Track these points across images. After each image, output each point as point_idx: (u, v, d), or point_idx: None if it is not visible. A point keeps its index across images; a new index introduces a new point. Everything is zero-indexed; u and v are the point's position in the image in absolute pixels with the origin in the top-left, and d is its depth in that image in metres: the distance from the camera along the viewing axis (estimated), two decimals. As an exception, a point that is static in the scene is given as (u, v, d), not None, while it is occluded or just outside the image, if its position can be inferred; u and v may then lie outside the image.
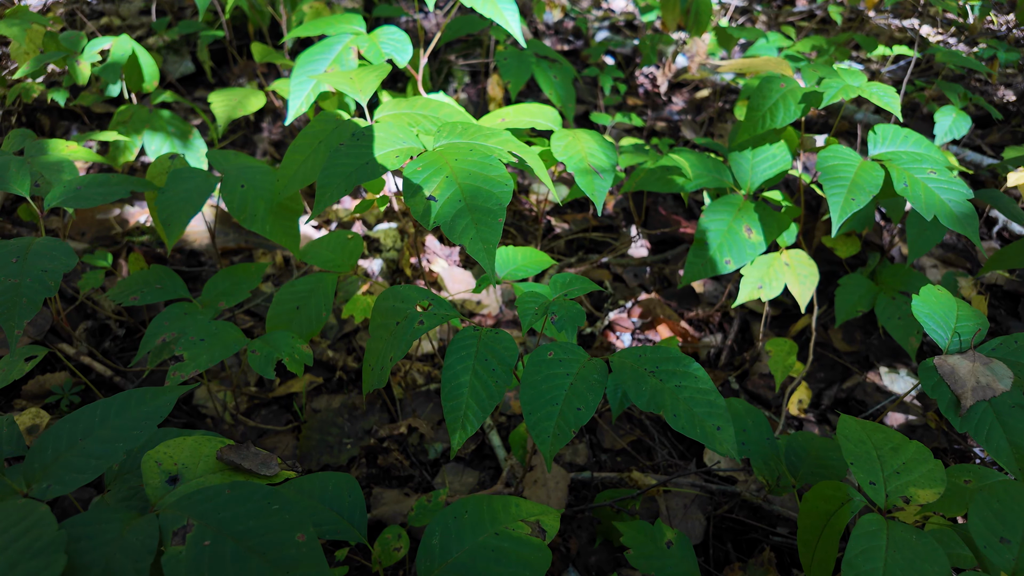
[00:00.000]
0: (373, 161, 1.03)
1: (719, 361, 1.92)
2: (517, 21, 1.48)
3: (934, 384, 0.94)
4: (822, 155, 1.38)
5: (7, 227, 2.20)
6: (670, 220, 2.35)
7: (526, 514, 0.79)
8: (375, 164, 1.03)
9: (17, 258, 0.98)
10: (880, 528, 0.80)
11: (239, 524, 0.66)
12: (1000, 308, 2.11)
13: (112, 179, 1.26)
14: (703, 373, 0.86)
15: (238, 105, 1.85)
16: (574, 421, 0.81)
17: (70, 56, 2.04)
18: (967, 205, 1.29)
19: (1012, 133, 2.90)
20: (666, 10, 2.70)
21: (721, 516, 1.46)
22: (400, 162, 1.06)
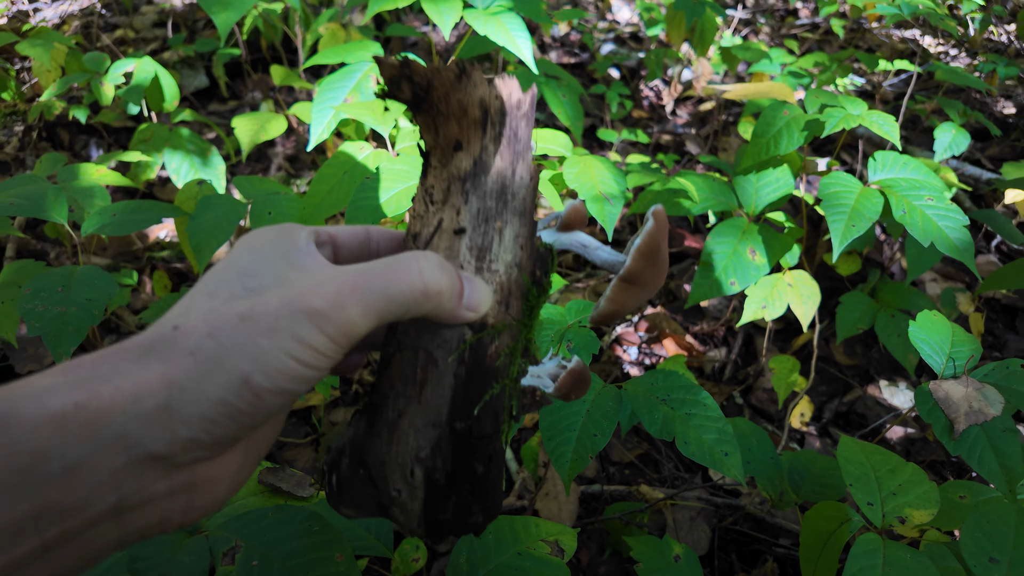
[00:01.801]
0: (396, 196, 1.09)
1: (724, 375, 1.97)
2: (530, 49, 1.54)
3: (929, 408, 1.00)
4: (824, 182, 1.44)
5: (32, 243, 2.26)
6: (675, 235, 2.41)
7: (545, 534, 0.85)
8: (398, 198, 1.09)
9: (62, 287, 1.04)
10: (877, 547, 0.85)
11: (283, 545, 0.72)
12: (998, 322, 2.16)
13: (144, 205, 1.32)
14: (711, 401, 0.91)
15: (260, 130, 1.91)
16: (591, 447, 0.87)
17: (94, 77, 2.11)
18: (963, 232, 1.34)
19: (1012, 147, 2.95)
20: (672, 28, 2.76)
21: (726, 528, 1.52)
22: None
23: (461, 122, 0.52)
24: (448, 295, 0.49)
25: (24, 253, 2.22)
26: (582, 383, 0.58)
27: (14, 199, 1.20)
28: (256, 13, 2.53)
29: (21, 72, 3.10)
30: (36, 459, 0.36)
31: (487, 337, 0.54)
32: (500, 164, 0.53)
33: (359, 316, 0.45)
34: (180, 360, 0.41)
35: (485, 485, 0.56)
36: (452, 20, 1.59)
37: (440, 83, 0.50)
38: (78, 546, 0.39)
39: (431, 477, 0.54)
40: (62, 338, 0.99)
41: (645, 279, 0.57)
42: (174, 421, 0.40)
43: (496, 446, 0.57)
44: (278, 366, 0.43)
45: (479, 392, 0.54)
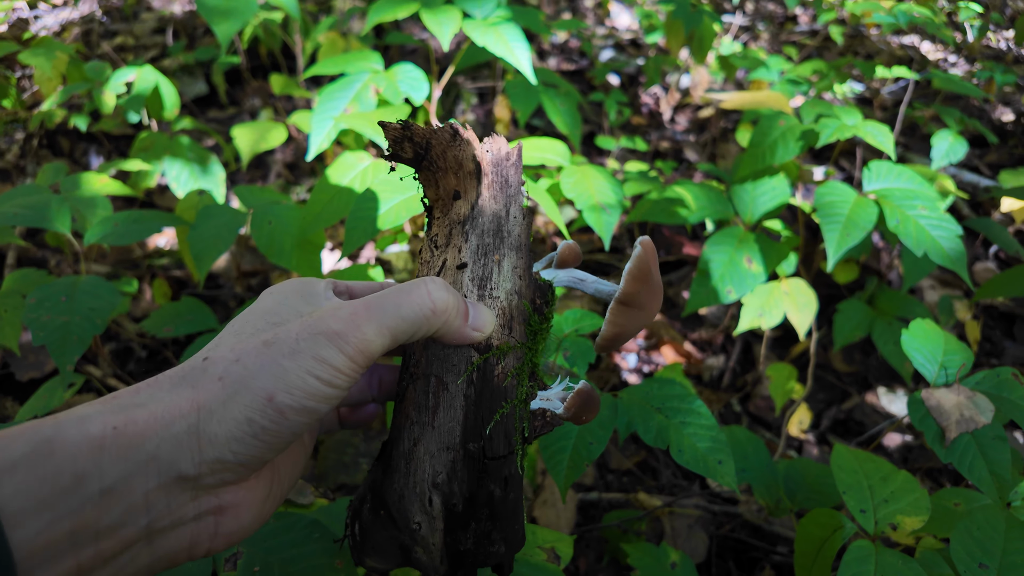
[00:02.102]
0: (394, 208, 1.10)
1: (722, 382, 1.98)
2: (528, 60, 1.55)
3: (921, 417, 1.01)
4: (819, 191, 1.45)
5: (32, 250, 2.27)
6: (673, 242, 2.42)
7: (542, 541, 0.86)
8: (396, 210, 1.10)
9: (66, 297, 1.05)
10: (869, 554, 0.86)
11: (284, 552, 0.73)
12: (996, 329, 2.17)
13: (145, 215, 1.33)
14: (706, 410, 0.92)
15: (260, 139, 1.92)
16: (587, 455, 0.88)
17: (95, 86, 2.12)
18: (956, 241, 1.36)
19: (1010, 154, 2.96)
20: (671, 35, 2.78)
21: (723, 535, 1.53)
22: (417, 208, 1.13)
23: (458, 174, 0.60)
24: (455, 313, 0.53)
25: (24, 261, 2.23)
26: (591, 403, 0.60)
27: (18, 209, 1.22)
28: (256, 22, 2.55)
29: (22, 80, 3.11)
30: (76, 481, 0.39)
31: (493, 358, 0.58)
32: (495, 207, 0.60)
33: (374, 334, 0.49)
34: (209, 385, 0.45)
35: (503, 510, 0.57)
36: (451, 31, 1.61)
37: (437, 142, 0.59)
38: (112, 570, 0.42)
39: (449, 504, 0.56)
40: (66, 347, 1.00)
41: (640, 300, 0.60)
42: (202, 442, 0.44)
43: (511, 468, 0.58)
44: (300, 384, 0.46)
45: (489, 412, 0.57)
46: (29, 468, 0.39)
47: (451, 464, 0.56)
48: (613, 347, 0.64)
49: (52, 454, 0.39)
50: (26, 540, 0.38)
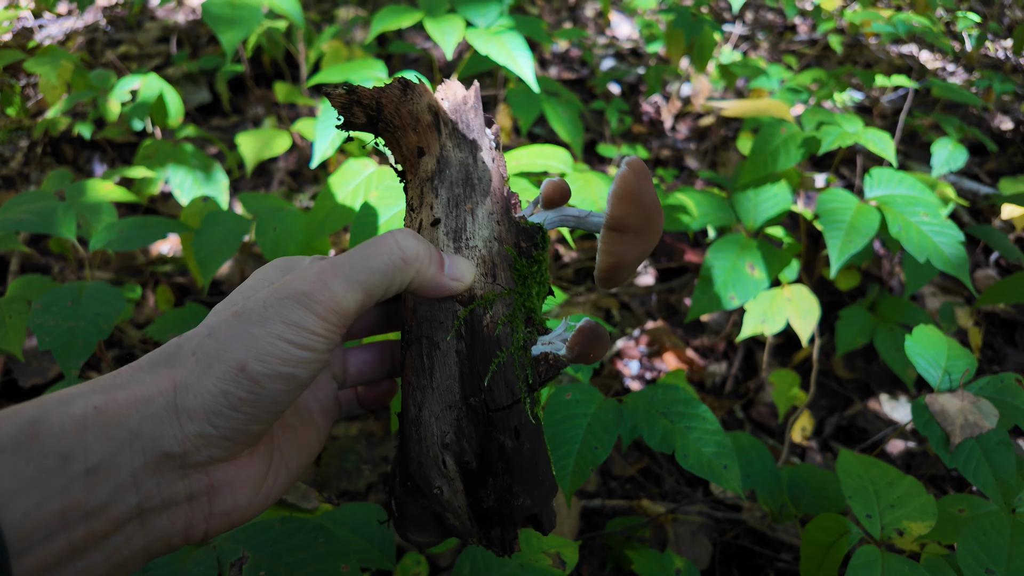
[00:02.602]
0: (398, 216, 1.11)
1: (724, 389, 1.98)
2: (531, 69, 1.56)
3: (925, 421, 1.01)
4: (821, 198, 1.46)
5: (36, 257, 2.28)
6: (674, 249, 2.43)
7: (547, 546, 0.86)
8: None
9: (72, 302, 1.06)
10: (876, 559, 0.86)
11: (290, 556, 0.73)
12: (997, 336, 2.17)
13: (150, 221, 1.34)
14: (710, 415, 0.93)
15: (264, 147, 1.93)
16: (592, 460, 0.88)
17: (100, 94, 2.13)
18: (959, 248, 1.36)
19: (1009, 161, 2.97)
20: (671, 45, 2.79)
21: (727, 542, 1.52)
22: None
23: (416, 129, 0.58)
24: (427, 260, 0.52)
25: (28, 267, 2.23)
26: (595, 338, 0.57)
27: (24, 215, 1.22)
28: (260, 31, 2.57)
29: (26, 88, 3.13)
30: (62, 461, 0.40)
31: (479, 308, 0.56)
32: (460, 155, 0.58)
33: (343, 290, 0.48)
34: (184, 362, 0.45)
35: (520, 462, 0.55)
36: (454, 40, 1.62)
37: (388, 100, 0.57)
38: (106, 552, 0.42)
39: (462, 462, 0.55)
40: (71, 352, 1.00)
41: (631, 223, 0.56)
42: (181, 417, 0.43)
43: (521, 418, 0.56)
44: (271, 351, 0.45)
45: (484, 363, 0.55)
46: (14, 450, 0.39)
47: (456, 422, 0.55)
48: (614, 279, 0.59)
49: (36, 435, 0.40)
50: (16, 521, 0.38)
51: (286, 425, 0.56)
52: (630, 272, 0.60)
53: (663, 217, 0.60)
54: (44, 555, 0.39)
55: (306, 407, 0.59)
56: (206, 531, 0.47)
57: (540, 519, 0.57)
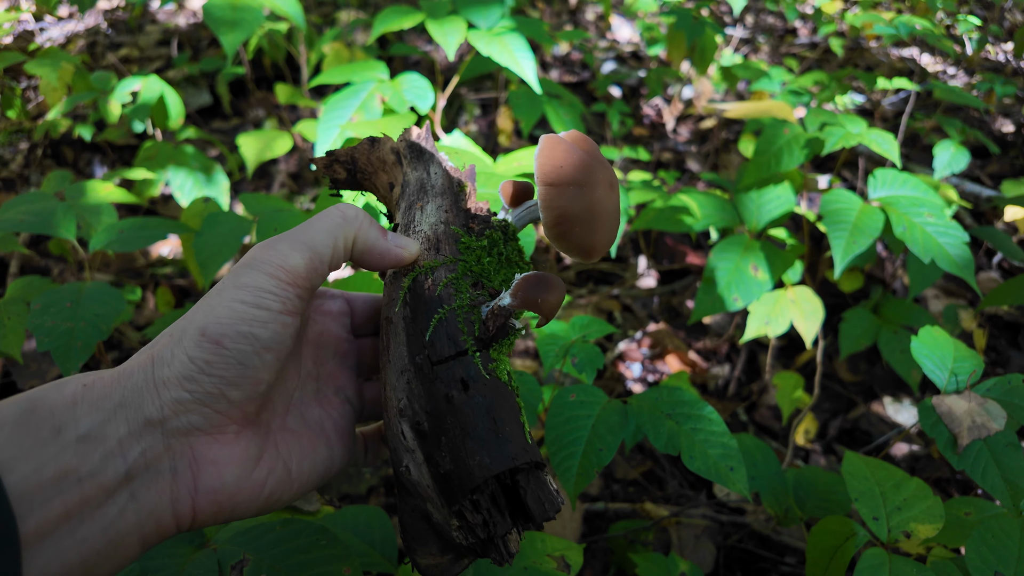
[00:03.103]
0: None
1: (727, 392, 1.97)
2: (533, 70, 1.55)
3: (932, 423, 1.00)
4: (825, 199, 1.45)
5: (36, 259, 2.27)
6: (677, 251, 2.42)
7: (551, 549, 0.85)
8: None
9: (71, 303, 1.05)
10: (883, 562, 0.85)
11: (291, 559, 0.72)
12: (1001, 338, 2.16)
13: (151, 222, 1.33)
14: (716, 416, 0.92)
15: (265, 148, 1.93)
16: (596, 462, 0.87)
17: (100, 96, 2.13)
18: (963, 248, 1.35)
19: (1011, 164, 2.97)
20: (672, 47, 2.79)
21: (731, 546, 1.51)
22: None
23: (385, 169, 0.68)
24: (366, 222, 0.57)
25: (27, 269, 2.23)
26: (538, 283, 0.56)
27: (24, 216, 1.21)
28: (261, 33, 2.56)
29: (27, 90, 3.12)
30: (56, 432, 0.44)
31: (421, 275, 0.59)
32: (416, 174, 0.66)
33: (288, 249, 0.52)
34: (162, 341, 0.50)
35: (472, 416, 0.52)
36: (456, 41, 1.61)
37: (360, 154, 0.68)
38: (102, 524, 0.45)
39: (415, 426, 0.54)
40: (71, 353, 0.99)
41: (564, 176, 0.58)
42: (158, 386, 0.48)
43: (469, 371, 0.54)
44: (226, 313, 0.49)
45: (426, 321, 0.56)
46: (15, 425, 0.44)
47: (407, 386, 0.55)
48: (569, 234, 0.60)
49: (34, 410, 0.44)
50: (17, 484, 0.42)
51: (289, 428, 0.58)
52: (586, 229, 0.60)
53: (610, 171, 0.62)
54: (43, 517, 0.42)
55: (318, 422, 0.60)
56: (193, 509, 0.49)
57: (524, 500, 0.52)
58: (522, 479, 0.52)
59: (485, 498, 0.52)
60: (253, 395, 0.51)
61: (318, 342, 0.64)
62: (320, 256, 0.53)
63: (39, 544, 0.42)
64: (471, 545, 0.52)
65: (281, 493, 0.54)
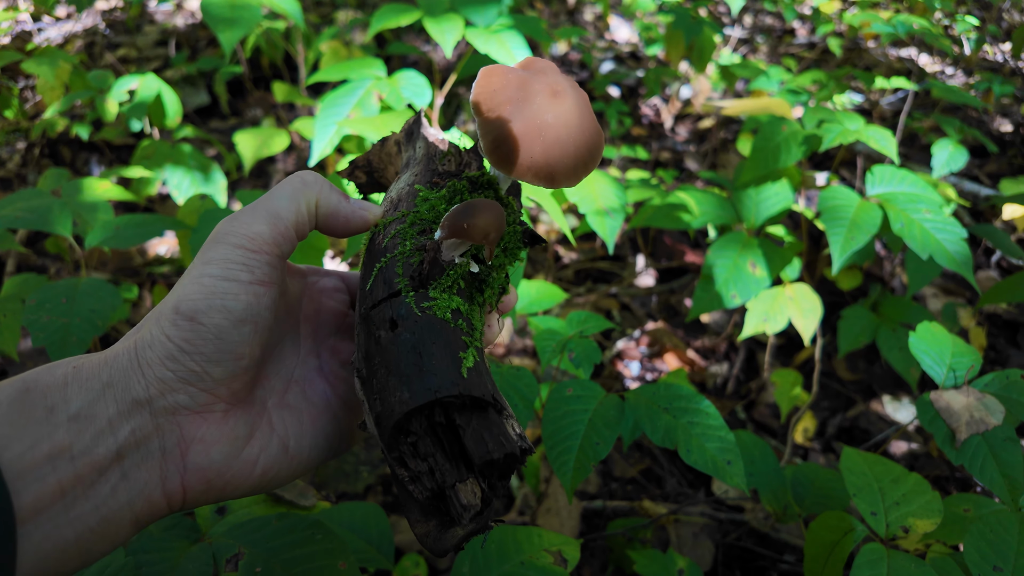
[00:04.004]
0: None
1: (726, 390, 1.97)
2: (531, 67, 1.55)
3: (931, 418, 1.00)
4: (823, 195, 1.45)
5: (32, 258, 2.27)
6: (675, 250, 2.42)
7: (548, 544, 0.84)
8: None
9: (66, 298, 1.04)
10: (881, 557, 0.85)
11: (287, 552, 0.71)
12: (999, 337, 2.16)
13: (148, 219, 1.33)
14: (714, 410, 0.91)
15: (263, 145, 1.92)
16: (593, 455, 0.87)
17: (98, 94, 2.13)
18: (962, 244, 1.35)
19: (1009, 163, 2.97)
20: (671, 46, 2.79)
21: (729, 544, 1.51)
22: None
23: (392, 161, 0.73)
24: (327, 187, 0.57)
25: (24, 268, 2.22)
26: (465, 208, 0.53)
27: (20, 212, 1.21)
28: (259, 32, 2.56)
29: (24, 90, 3.12)
30: (48, 412, 0.46)
31: (376, 233, 0.60)
32: (406, 154, 0.71)
33: (249, 217, 0.52)
34: (145, 325, 0.52)
35: (396, 353, 0.50)
36: (454, 39, 1.61)
37: (374, 154, 0.73)
38: (95, 502, 0.46)
39: (359, 375, 0.52)
40: (66, 348, 0.99)
41: (493, 99, 0.54)
42: (143, 366, 0.49)
43: (400, 310, 0.52)
44: (195, 288, 0.49)
45: (369, 272, 0.57)
46: (9, 405, 0.45)
47: (357, 338, 0.54)
48: (502, 156, 0.55)
49: (28, 391, 0.46)
50: (13, 461, 0.43)
51: (287, 404, 0.58)
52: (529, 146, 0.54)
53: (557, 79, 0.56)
54: (38, 493, 0.43)
55: (319, 395, 0.60)
56: (183, 487, 0.50)
57: (464, 441, 0.47)
58: (459, 417, 0.48)
59: (425, 442, 0.48)
60: (236, 371, 0.51)
61: (316, 319, 0.64)
62: (284, 221, 0.53)
63: (35, 520, 0.43)
64: (427, 500, 0.49)
65: (278, 470, 0.54)
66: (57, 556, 0.45)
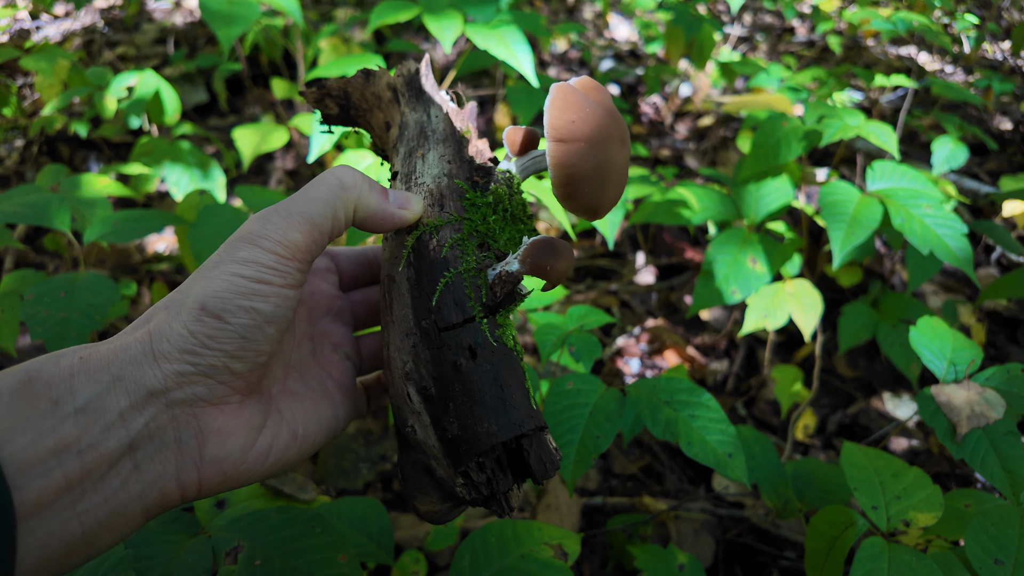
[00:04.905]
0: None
1: (726, 387, 1.97)
2: (530, 64, 1.55)
3: (932, 412, 0.99)
4: (823, 191, 1.45)
5: (31, 255, 2.26)
6: (675, 247, 2.42)
7: (548, 538, 0.84)
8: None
9: (65, 293, 1.04)
10: (882, 551, 0.84)
11: (286, 546, 0.71)
12: (999, 334, 2.16)
13: (146, 214, 1.32)
14: (715, 403, 0.91)
15: (262, 141, 1.92)
16: (594, 449, 0.86)
17: (96, 91, 2.12)
18: (962, 240, 1.35)
19: (1009, 161, 2.97)
20: (671, 44, 2.79)
21: (730, 540, 1.50)
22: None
23: (381, 107, 0.65)
24: (367, 188, 0.55)
25: (22, 265, 2.22)
26: (548, 248, 0.55)
27: (18, 207, 1.21)
28: (257, 29, 2.56)
29: (23, 88, 3.12)
30: (53, 404, 0.44)
31: (425, 234, 0.57)
32: (416, 116, 0.64)
33: (285, 223, 0.51)
34: (158, 316, 0.50)
35: (479, 383, 0.53)
36: (453, 35, 1.60)
37: (354, 88, 0.64)
38: (104, 495, 0.44)
39: (422, 390, 0.53)
40: (64, 343, 0.99)
41: (577, 131, 0.55)
42: (158, 358, 0.47)
43: (476, 338, 0.54)
44: (226, 287, 0.48)
45: (432, 284, 0.55)
46: (12, 396, 0.43)
47: (413, 349, 0.54)
48: (577, 194, 0.58)
49: (31, 382, 0.44)
50: (15, 454, 0.42)
51: (290, 391, 0.57)
52: (595, 187, 0.58)
53: (622, 124, 0.58)
54: (43, 488, 0.42)
55: (319, 381, 0.60)
56: (199, 480, 0.49)
57: (528, 461, 0.53)
58: (526, 442, 0.53)
59: (490, 460, 0.52)
60: (255, 366, 0.50)
61: (309, 303, 0.64)
62: (319, 228, 0.52)
63: (39, 515, 0.42)
64: (473, 500, 0.53)
65: (287, 457, 0.54)
66: (63, 550, 0.44)
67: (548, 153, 0.57)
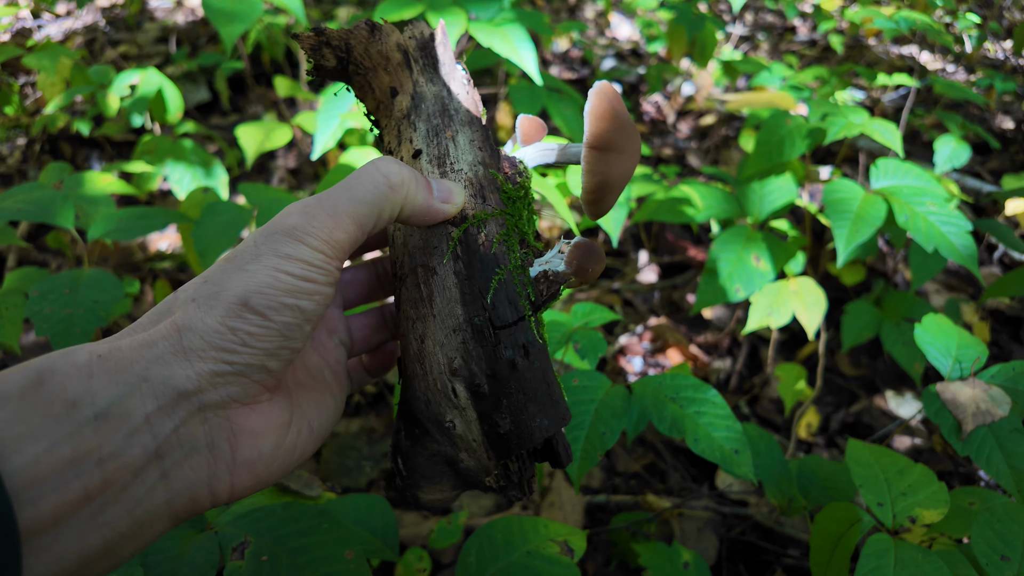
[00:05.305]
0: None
1: (729, 385, 1.97)
2: (534, 62, 1.55)
3: (936, 410, 0.99)
4: (827, 188, 1.45)
5: (33, 253, 2.26)
6: (678, 246, 2.41)
7: (554, 534, 0.84)
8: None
9: (69, 289, 1.04)
10: (888, 547, 0.84)
11: (293, 541, 0.71)
12: (1002, 333, 2.16)
13: (150, 212, 1.32)
14: (721, 400, 0.91)
15: (265, 139, 1.92)
16: (600, 445, 0.86)
17: (99, 89, 2.12)
18: (967, 237, 1.35)
19: (1011, 160, 2.97)
20: (673, 42, 2.78)
21: (734, 538, 1.50)
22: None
23: (387, 69, 0.59)
24: (414, 185, 0.52)
25: (25, 263, 2.22)
26: (591, 252, 0.56)
27: (21, 204, 1.21)
28: (260, 27, 2.56)
29: (25, 86, 3.12)
30: (69, 407, 0.40)
31: (472, 228, 0.56)
32: (434, 89, 0.59)
33: (332, 221, 0.48)
34: (184, 308, 0.46)
35: (532, 380, 0.54)
36: (457, 32, 1.60)
37: (357, 41, 0.58)
38: (127, 506, 0.41)
39: (473, 387, 0.53)
40: (69, 340, 0.99)
41: (614, 141, 0.56)
42: (190, 357, 0.44)
43: (527, 336, 0.55)
44: (271, 283, 0.45)
45: (485, 280, 0.55)
46: (21, 398, 0.39)
47: (462, 345, 0.53)
48: (601, 201, 0.58)
49: (42, 382, 0.40)
50: (25, 466, 0.38)
51: (301, 383, 0.56)
52: (615, 195, 0.59)
53: (639, 138, 0.59)
54: (58, 502, 0.38)
55: (319, 371, 0.58)
56: (231, 485, 0.46)
57: (556, 449, 0.55)
58: (556, 433, 0.56)
59: (527, 451, 0.54)
60: (287, 364, 0.48)
61: None
62: (363, 229, 0.50)
63: (54, 530, 0.38)
64: (501, 487, 0.54)
65: (306, 451, 0.53)
66: (81, 563, 0.40)
67: (584, 159, 0.56)
